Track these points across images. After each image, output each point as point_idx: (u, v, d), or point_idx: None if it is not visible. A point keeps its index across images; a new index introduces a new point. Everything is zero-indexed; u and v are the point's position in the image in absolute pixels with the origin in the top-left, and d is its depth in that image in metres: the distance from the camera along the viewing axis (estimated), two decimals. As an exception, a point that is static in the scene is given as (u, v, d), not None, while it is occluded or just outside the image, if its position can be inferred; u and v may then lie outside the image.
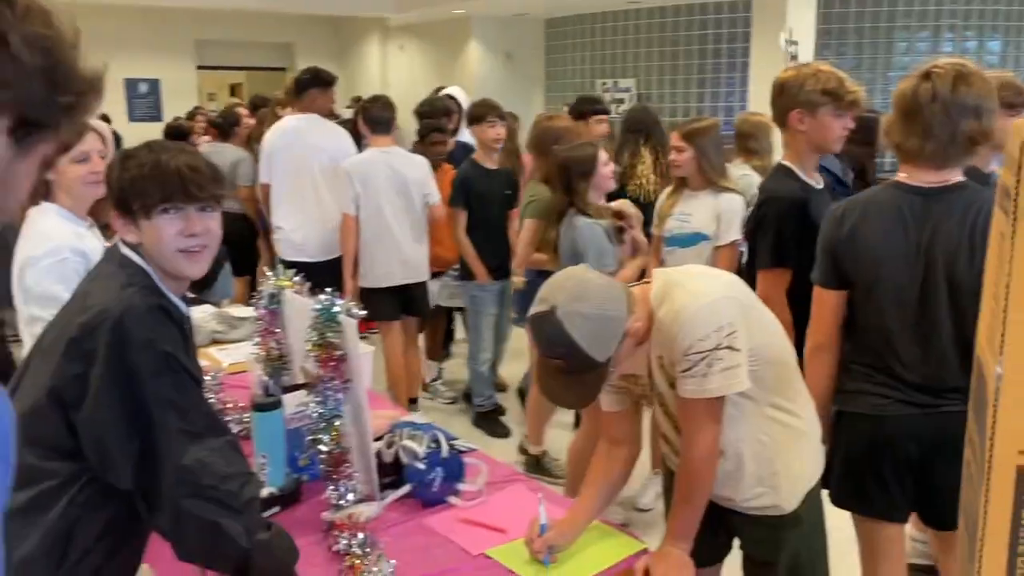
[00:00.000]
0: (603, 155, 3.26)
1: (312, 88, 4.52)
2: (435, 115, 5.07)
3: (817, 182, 2.58)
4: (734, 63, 10.43)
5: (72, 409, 1.46)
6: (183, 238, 1.55)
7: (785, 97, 2.49)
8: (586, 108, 4.57)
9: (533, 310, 1.64)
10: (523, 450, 3.99)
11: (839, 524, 2.11)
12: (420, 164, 4.31)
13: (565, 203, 3.23)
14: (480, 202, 4.30)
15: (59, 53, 0.75)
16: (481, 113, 4.36)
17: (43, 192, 2.29)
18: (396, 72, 13.90)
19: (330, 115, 4.80)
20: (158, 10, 12.35)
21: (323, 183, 4.43)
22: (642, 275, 3.03)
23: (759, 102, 8.58)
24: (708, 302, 1.66)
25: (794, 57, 6.16)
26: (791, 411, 1.83)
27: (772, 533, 1.84)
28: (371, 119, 4.26)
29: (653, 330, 1.72)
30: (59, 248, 2.16)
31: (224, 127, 5.73)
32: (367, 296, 4.01)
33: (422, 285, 4.42)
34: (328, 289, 1.99)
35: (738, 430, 1.77)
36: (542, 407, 3.88)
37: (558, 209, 3.27)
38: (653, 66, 11.23)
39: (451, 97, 5.72)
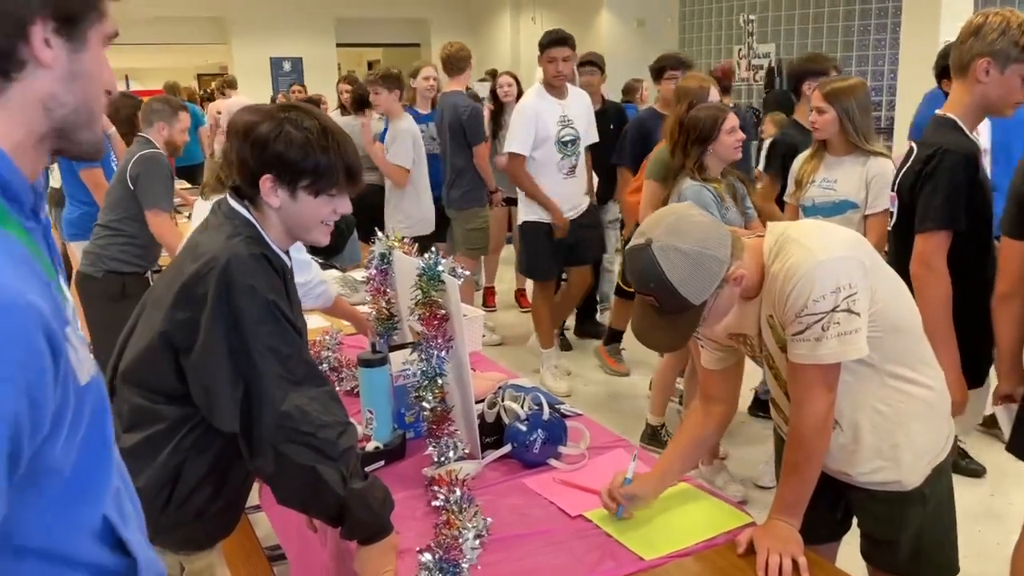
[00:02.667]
0: (730, 122, 3.08)
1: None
2: None
3: (976, 139, 2.36)
4: (884, 23, 9.78)
5: (182, 353, 1.53)
6: (329, 215, 1.64)
7: (978, 40, 2.20)
8: (664, 64, 4.53)
9: (630, 243, 1.58)
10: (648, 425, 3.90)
11: (969, 504, 1.94)
12: None
13: (679, 166, 3.10)
14: None
15: None
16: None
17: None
18: (527, 44, 13.87)
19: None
20: (300, -10, 12.82)
21: None
22: None
23: (911, 64, 8.01)
24: (826, 259, 1.54)
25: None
26: (915, 380, 1.69)
27: (893, 510, 1.71)
28: None
29: (764, 287, 1.62)
30: None
31: (362, 100, 5.87)
32: None
33: None
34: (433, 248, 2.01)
35: (855, 399, 1.64)
36: (667, 379, 3.79)
37: (672, 171, 3.15)
38: (794, 29, 10.69)
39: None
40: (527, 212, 4.55)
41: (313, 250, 4.29)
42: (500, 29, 14.69)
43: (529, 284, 5.53)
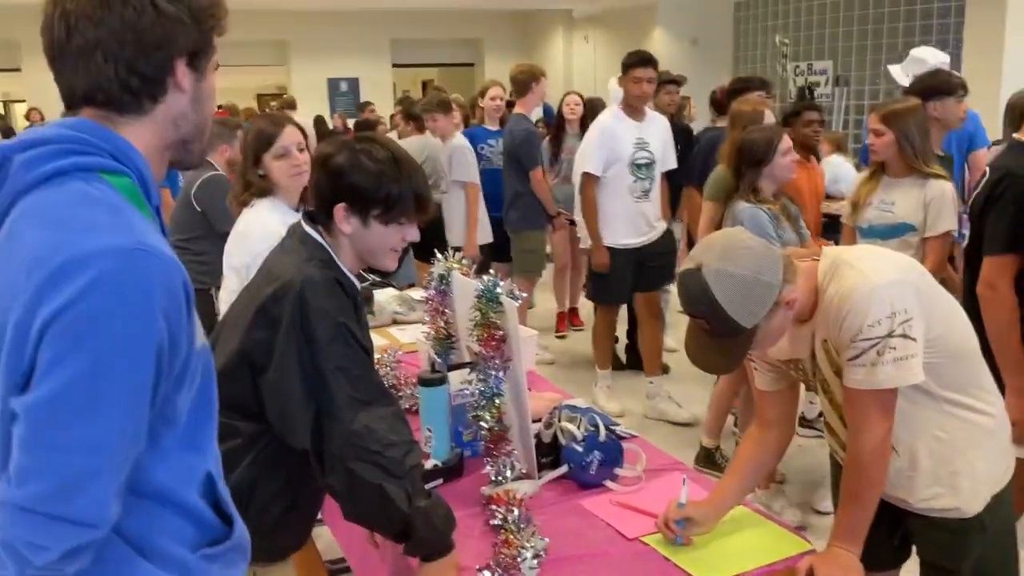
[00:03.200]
0: (784, 143, 3.09)
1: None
2: None
3: None
4: (945, 39, 9.60)
5: (259, 373, 1.60)
6: (399, 243, 1.72)
7: None
8: (746, 85, 4.40)
9: (682, 267, 1.60)
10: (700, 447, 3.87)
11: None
12: None
13: (734, 187, 3.11)
14: None
15: (189, 4, 1.04)
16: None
17: (258, 191, 2.52)
18: (580, 63, 13.95)
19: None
20: (358, 13, 13.11)
21: None
22: None
23: (974, 81, 7.86)
24: (881, 284, 1.54)
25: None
26: (973, 407, 1.67)
27: (952, 538, 1.69)
28: None
29: (818, 310, 1.62)
30: (269, 233, 2.35)
31: (421, 120, 5.96)
32: None
33: None
34: (491, 271, 2.05)
35: (912, 426, 1.63)
36: (723, 400, 3.76)
37: (727, 192, 3.16)
38: (852, 46, 10.55)
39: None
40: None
41: (369, 268, 4.42)
42: (553, 48, 14.79)
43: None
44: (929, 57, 4.19)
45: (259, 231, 2.40)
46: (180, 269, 0.97)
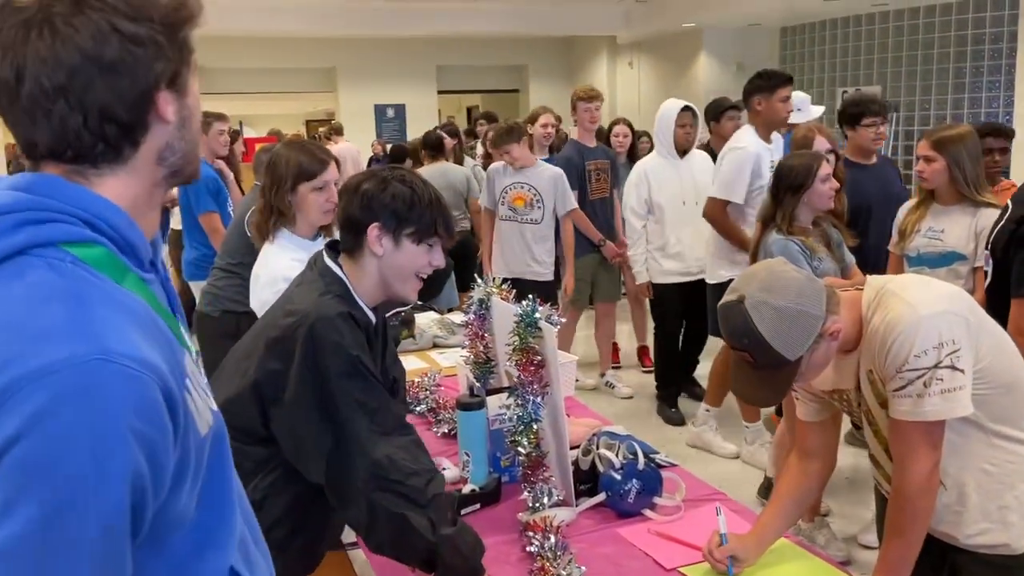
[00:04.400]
0: (824, 170, 2.98)
1: None
2: None
3: None
4: (997, 65, 9.44)
5: (271, 404, 1.62)
6: (425, 266, 1.74)
7: None
8: (862, 110, 3.88)
9: (723, 299, 1.58)
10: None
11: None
12: None
13: (770, 215, 3.02)
14: None
15: (161, 20, 0.85)
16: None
17: (280, 220, 2.52)
18: (625, 89, 13.97)
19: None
20: (404, 40, 13.33)
21: None
22: None
23: (1028, 106, 7.69)
24: (929, 314, 1.51)
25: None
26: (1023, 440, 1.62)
27: (1001, 575, 1.63)
28: None
29: (863, 341, 1.59)
30: (275, 279, 2.35)
31: (437, 147, 6.00)
32: None
33: None
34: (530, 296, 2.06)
35: (961, 459, 1.59)
36: (787, 433, 3.60)
37: (764, 218, 3.08)
38: (901, 71, 10.42)
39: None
40: (724, 268, 4.03)
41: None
42: (597, 74, 14.84)
43: (650, 341, 5.29)
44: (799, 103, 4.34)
45: (265, 277, 2.43)
46: (158, 373, 0.77)
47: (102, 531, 0.73)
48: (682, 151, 4.60)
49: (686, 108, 4.55)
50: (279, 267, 2.40)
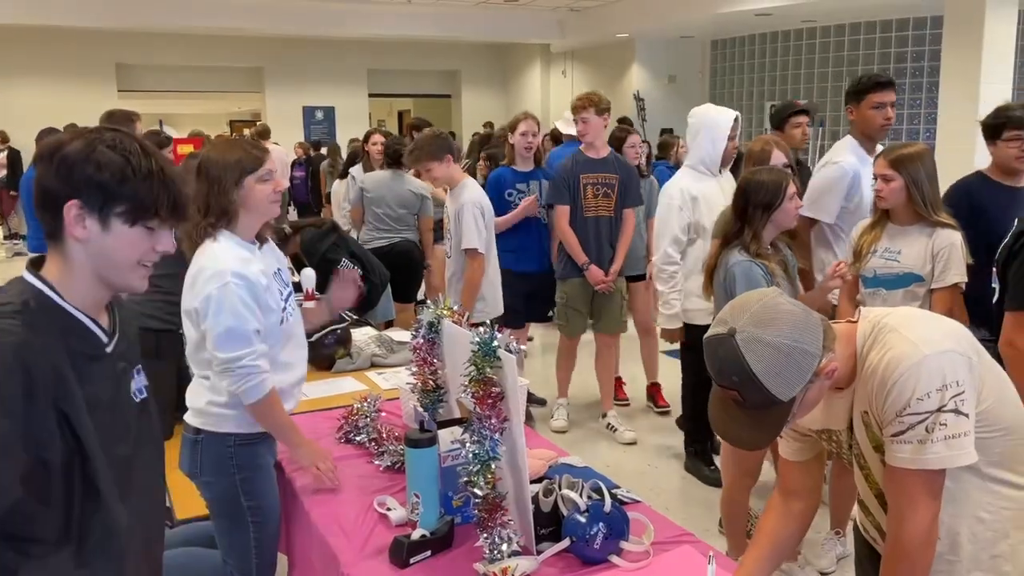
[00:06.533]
0: (792, 187, 2.85)
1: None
2: None
3: None
4: (919, 83, 9.73)
5: None
6: (148, 252, 1.40)
7: None
8: (1005, 119, 3.19)
9: (710, 331, 1.44)
10: None
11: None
12: None
13: (735, 231, 2.88)
14: None
15: None
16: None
17: (218, 225, 2.27)
18: (557, 97, 13.95)
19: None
20: (335, 41, 13.01)
21: None
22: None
23: (951, 123, 7.91)
24: (932, 353, 1.39)
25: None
26: (1019, 485, 1.53)
27: None
28: None
29: (858, 379, 1.48)
30: (222, 272, 2.15)
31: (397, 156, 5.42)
32: None
33: None
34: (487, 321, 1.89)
35: (955, 506, 1.49)
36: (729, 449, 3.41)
37: (725, 234, 2.93)
38: (828, 87, 10.66)
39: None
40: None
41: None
42: (531, 82, 14.79)
43: (663, 379, 5.01)
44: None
45: (212, 270, 2.15)
46: None
47: None
48: (724, 166, 3.91)
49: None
50: (227, 259, 2.15)
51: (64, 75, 12.28)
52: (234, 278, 2.12)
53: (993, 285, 2.33)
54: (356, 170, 6.19)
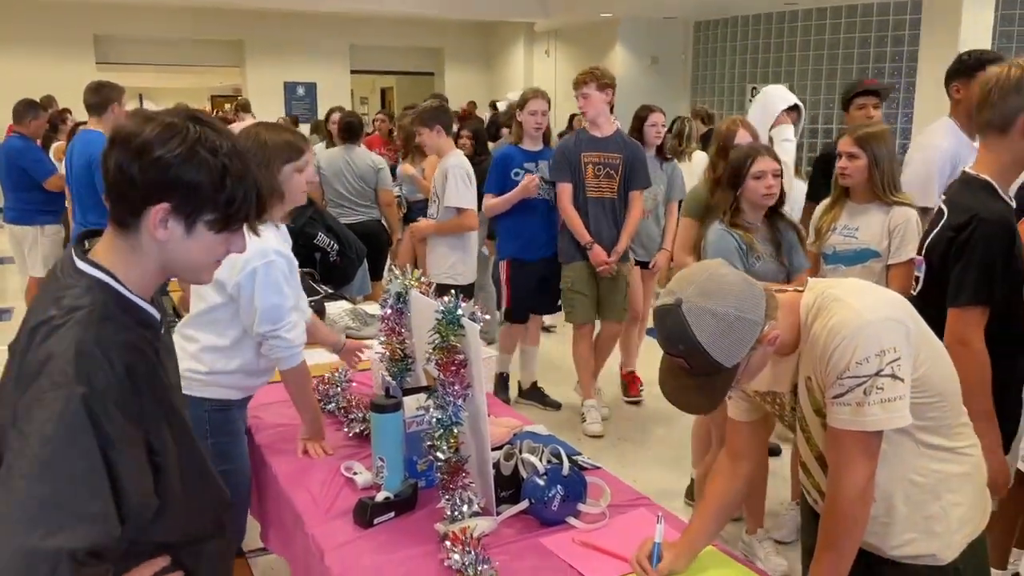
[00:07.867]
0: (758, 165, 2.88)
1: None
2: None
3: (1011, 200, 2.19)
4: (899, 67, 9.79)
5: None
6: (223, 255, 1.39)
7: (1020, 96, 2.03)
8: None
9: (658, 301, 1.50)
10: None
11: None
12: None
13: (714, 205, 2.99)
14: None
15: None
16: None
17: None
18: (540, 76, 13.93)
19: None
20: (317, 15, 12.90)
21: None
22: None
23: (928, 108, 8.00)
24: (873, 320, 1.46)
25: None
26: (952, 449, 1.60)
27: None
28: None
29: (803, 346, 1.54)
30: (265, 251, 2.16)
31: (355, 132, 5.54)
32: None
33: None
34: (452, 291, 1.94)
35: (890, 469, 1.55)
36: (704, 426, 3.45)
37: (709, 211, 3.01)
38: (808, 70, 10.71)
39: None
40: None
41: (323, 279, 4.22)
42: (514, 61, 14.75)
43: (640, 365, 4.93)
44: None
45: (254, 249, 2.16)
46: None
47: None
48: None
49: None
50: (268, 236, 2.16)
51: (40, 46, 12.10)
52: (276, 256, 2.18)
53: (916, 273, 2.28)
54: (318, 147, 6.19)
